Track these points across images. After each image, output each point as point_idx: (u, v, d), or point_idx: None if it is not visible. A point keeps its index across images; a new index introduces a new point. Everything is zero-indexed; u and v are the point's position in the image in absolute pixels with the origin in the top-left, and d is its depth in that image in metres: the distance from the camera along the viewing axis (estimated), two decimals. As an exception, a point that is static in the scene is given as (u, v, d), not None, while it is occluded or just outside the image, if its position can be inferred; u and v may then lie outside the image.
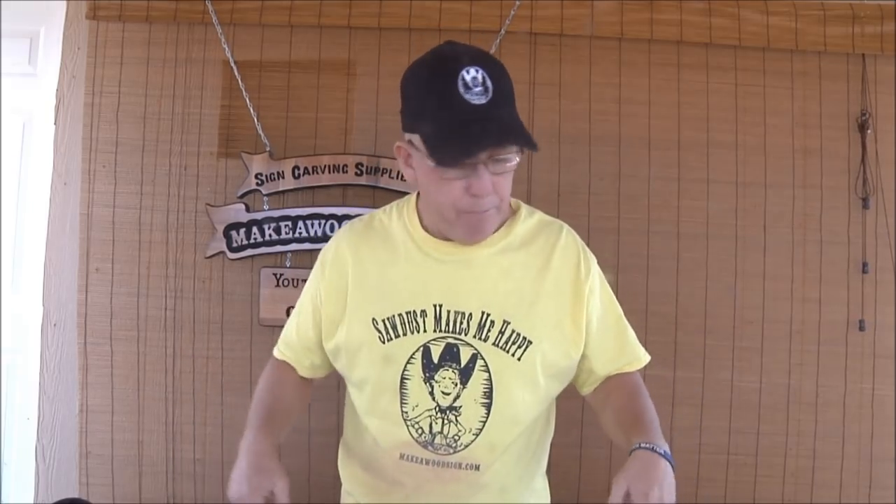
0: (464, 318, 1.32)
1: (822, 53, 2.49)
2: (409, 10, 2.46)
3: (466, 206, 1.25)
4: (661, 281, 2.46)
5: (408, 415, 1.33)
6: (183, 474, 2.47)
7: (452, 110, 1.19)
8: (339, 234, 1.45)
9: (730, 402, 2.45)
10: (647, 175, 2.48)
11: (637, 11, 2.47)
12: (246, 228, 2.42)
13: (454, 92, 1.18)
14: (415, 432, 1.33)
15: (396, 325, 1.33)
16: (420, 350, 1.32)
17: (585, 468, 2.41)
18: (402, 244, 1.37)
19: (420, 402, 1.32)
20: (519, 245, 1.37)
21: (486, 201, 1.25)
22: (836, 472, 2.45)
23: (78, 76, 2.54)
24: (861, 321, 2.45)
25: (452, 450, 1.33)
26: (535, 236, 1.39)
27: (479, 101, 1.18)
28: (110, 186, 2.48)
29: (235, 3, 2.47)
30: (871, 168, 2.47)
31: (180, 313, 2.47)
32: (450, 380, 1.32)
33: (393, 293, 1.34)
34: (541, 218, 1.43)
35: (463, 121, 1.18)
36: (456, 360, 1.32)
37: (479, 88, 1.19)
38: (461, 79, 1.18)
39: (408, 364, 1.33)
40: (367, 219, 1.45)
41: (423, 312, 1.32)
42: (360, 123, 2.48)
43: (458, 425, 1.32)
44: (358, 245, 1.40)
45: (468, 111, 1.18)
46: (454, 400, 1.32)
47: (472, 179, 1.22)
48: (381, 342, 1.34)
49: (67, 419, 2.53)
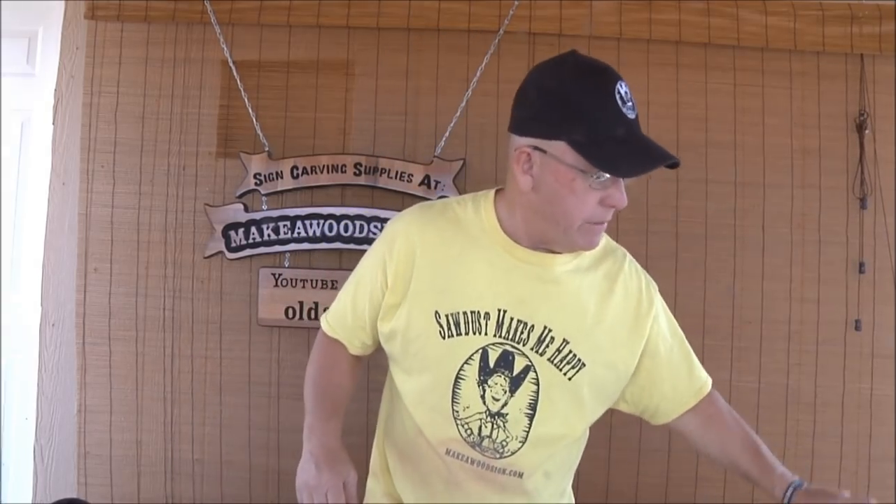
0: (525, 328, 1.31)
1: (821, 53, 2.49)
2: (408, 11, 2.46)
3: (598, 216, 1.25)
4: (659, 281, 2.41)
5: (458, 414, 1.33)
6: (181, 474, 2.47)
7: (621, 123, 1.20)
8: (410, 215, 1.40)
9: (728, 402, 2.44)
10: (646, 175, 2.47)
11: (636, 11, 2.47)
12: (244, 228, 2.41)
13: (616, 104, 1.19)
14: (464, 432, 1.33)
15: (460, 323, 1.31)
16: (479, 352, 1.31)
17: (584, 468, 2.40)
18: (476, 240, 1.34)
19: (471, 403, 1.32)
20: (588, 267, 1.36)
21: (611, 213, 1.27)
22: (835, 471, 2.45)
23: (76, 76, 2.54)
24: (858, 321, 2.45)
25: (499, 455, 1.33)
26: (602, 261, 1.39)
27: (632, 116, 1.22)
28: (109, 186, 2.48)
29: (234, 3, 2.47)
30: (870, 168, 2.47)
31: (179, 313, 2.47)
32: (500, 386, 1.31)
33: (459, 289, 1.32)
34: (606, 243, 1.43)
35: (635, 136, 1.22)
36: (509, 367, 1.31)
37: (631, 104, 1.22)
38: (618, 92, 1.20)
39: (465, 364, 1.32)
40: (441, 207, 1.40)
41: (486, 315, 1.31)
42: (359, 123, 2.48)
43: (506, 431, 1.32)
44: (429, 232, 1.36)
45: (632, 126, 1.21)
46: (502, 406, 1.32)
47: (612, 191, 1.23)
48: (442, 337, 1.32)
49: (66, 419, 2.53)
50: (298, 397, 2.42)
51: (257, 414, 2.46)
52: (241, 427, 2.46)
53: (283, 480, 2.44)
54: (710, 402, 1.47)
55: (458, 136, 2.45)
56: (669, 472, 2.45)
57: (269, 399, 2.46)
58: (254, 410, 2.46)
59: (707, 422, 1.45)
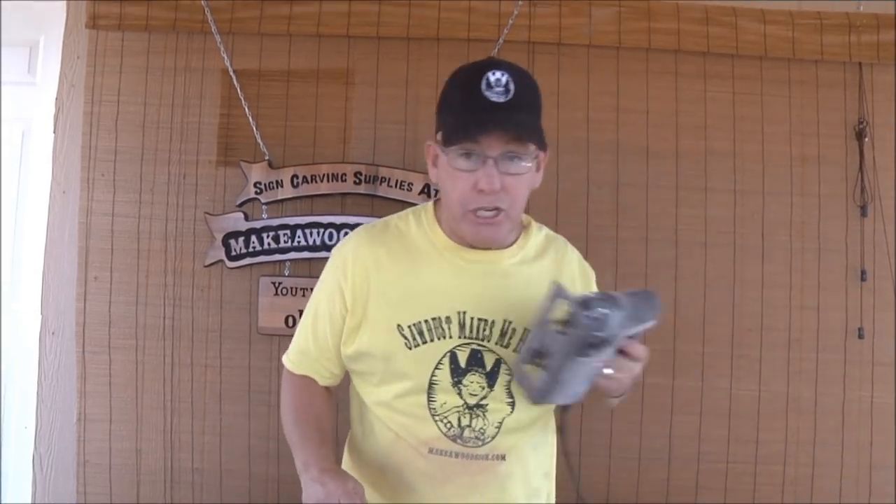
0: (487, 325, 1.34)
1: (819, 62, 2.50)
2: (408, 20, 2.46)
3: (473, 202, 1.28)
4: (659, 289, 2.43)
5: (435, 411, 1.34)
6: (181, 483, 2.46)
7: (470, 103, 1.26)
8: (356, 237, 1.44)
9: (728, 411, 2.45)
10: (646, 183, 2.49)
11: (635, 20, 2.48)
12: (245, 237, 2.42)
13: (477, 88, 1.26)
14: (443, 427, 1.34)
15: (423, 332, 1.34)
16: (448, 355, 1.34)
17: (584, 476, 2.40)
18: (423, 250, 1.39)
19: (448, 400, 1.34)
20: (534, 257, 1.42)
21: (493, 199, 1.28)
22: (836, 479, 2.45)
23: (77, 85, 2.55)
24: (860, 329, 2.45)
25: (481, 442, 1.35)
26: (546, 249, 1.44)
27: (497, 100, 1.25)
28: (109, 195, 2.48)
29: (234, 12, 2.47)
30: (869, 176, 2.48)
31: (179, 322, 2.47)
32: (477, 383, 1.34)
33: (417, 299, 1.35)
34: (547, 233, 1.49)
35: (476, 110, 1.25)
36: (481, 364, 1.34)
37: (501, 89, 1.26)
38: (486, 78, 1.26)
39: (436, 370, 1.34)
40: (381, 225, 1.45)
41: (447, 319, 1.34)
42: (359, 132, 2.49)
43: (485, 419, 1.35)
44: (377, 250, 1.40)
45: (485, 105, 1.25)
46: (481, 399, 1.35)
47: (480, 174, 1.26)
48: (408, 348, 1.34)
49: (65, 428, 2.52)
50: (298, 406, 2.43)
51: (257, 422, 2.46)
52: (240, 436, 2.46)
53: (283, 489, 2.44)
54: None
55: (457, 145, 2.45)
56: (670, 479, 2.45)
57: (269, 408, 2.46)
58: (254, 419, 2.46)
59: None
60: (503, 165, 1.27)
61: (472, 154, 1.27)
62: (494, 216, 1.30)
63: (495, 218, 1.30)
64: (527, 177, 1.31)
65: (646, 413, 2.45)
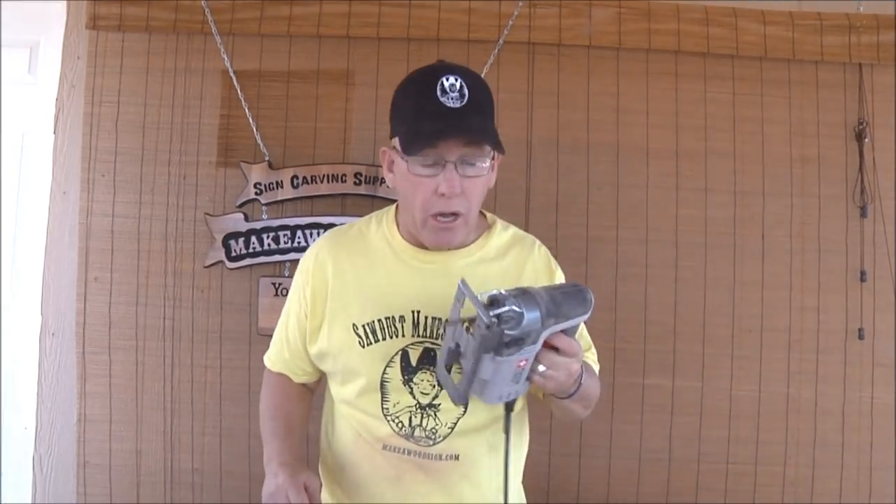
0: (440, 323, 1.36)
1: (819, 63, 2.50)
2: (408, 21, 2.47)
3: (435, 206, 1.31)
4: (659, 290, 2.47)
5: (388, 411, 1.38)
6: (181, 484, 2.46)
7: (427, 109, 1.28)
8: (318, 242, 1.50)
9: (728, 411, 2.45)
10: (646, 184, 2.49)
11: (635, 21, 2.48)
12: (245, 238, 2.42)
13: (432, 95, 1.28)
14: (395, 426, 1.37)
15: (376, 330, 1.38)
16: (399, 354, 1.37)
17: (584, 477, 2.41)
18: (381, 252, 1.43)
19: (400, 399, 1.37)
20: (494, 257, 1.43)
21: (454, 203, 1.31)
22: (836, 480, 2.45)
23: (77, 86, 2.55)
24: (860, 330, 2.45)
25: (432, 441, 1.37)
26: (509, 249, 1.45)
27: (454, 105, 1.27)
28: (109, 196, 2.48)
29: (235, 13, 2.48)
30: (869, 176, 2.48)
31: (179, 322, 2.47)
32: (428, 381, 1.37)
33: (372, 299, 1.39)
34: (515, 232, 1.49)
35: (434, 117, 1.27)
36: (433, 363, 1.36)
37: (456, 94, 1.28)
38: (440, 84, 1.28)
39: (387, 367, 1.37)
40: (345, 228, 1.51)
41: (401, 318, 1.37)
42: (359, 133, 2.49)
43: (436, 419, 1.37)
44: (337, 252, 1.45)
45: (442, 111, 1.27)
46: (433, 399, 1.37)
47: (441, 179, 1.29)
48: (361, 346, 1.38)
49: (65, 428, 2.52)
50: (298, 407, 2.43)
51: (257, 423, 2.43)
52: (240, 436, 2.46)
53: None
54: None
55: (457, 146, 2.45)
56: (670, 480, 2.44)
57: (269, 408, 2.45)
58: (254, 420, 2.44)
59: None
60: (462, 169, 1.30)
61: (432, 160, 1.30)
62: (453, 221, 1.33)
63: (453, 223, 1.33)
64: (484, 178, 1.34)
65: (646, 413, 2.45)
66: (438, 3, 2.48)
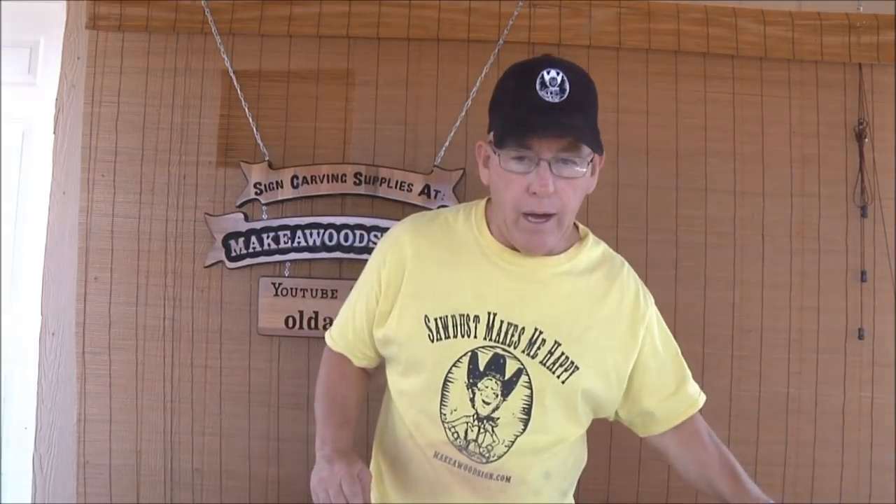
0: (516, 331, 1.31)
1: (820, 63, 2.50)
2: (408, 20, 2.46)
3: (527, 205, 1.25)
4: (659, 290, 2.42)
5: (446, 417, 1.33)
6: (181, 484, 2.46)
7: (523, 102, 1.23)
8: (402, 225, 1.45)
9: (728, 411, 2.45)
10: (646, 184, 2.49)
11: (635, 21, 2.48)
12: (245, 238, 2.42)
13: (531, 88, 1.22)
14: (451, 435, 1.33)
15: (448, 326, 1.33)
16: (468, 355, 1.32)
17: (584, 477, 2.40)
18: (466, 246, 1.37)
19: (459, 406, 1.32)
20: (582, 271, 1.38)
21: (546, 203, 1.25)
22: (836, 480, 2.45)
23: (77, 86, 2.55)
24: (860, 330, 2.45)
25: (485, 459, 1.32)
26: (598, 266, 1.40)
27: (552, 100, 1.22)
28: (109, 195, 2.48)
29: (235, 13, 2.48)
30: (869, 177, 2.48)
31: (179, 322, 2.47)
32: (492, 390, 1.31)
33: (449, 293, 1.34)
34: (605, 250, 1.45)
35: (530, 110, 1.22)
36: (501, 371, 1.31)
37: (556, 88, 1.22)
38: (541, 77, 1.23)
39: (454, 367, 1.32)
40: (433, 215, 1.46)
41: (476, 318, 1.32)
42: (359, 133, 2.49)
43: (493, 436, 1.32)
44: (419, 239, 1.40)
45: (539, 105, 1.22)
46: (493, 410, 1.32)
47: (533, 176, 1.23)
48: (431, 340, 1.33)
49: (65, 429, 2.52)
50: (298, 407, 2.45)
51: (257, 423, 2.46)
52: (240, 436, 2.46)
53: (283, 490, 2.44)
54: (691, 423, 1.46)
55: (457, 146, 2.45)
56: (670, 481, 2.44)
57: (268, 408, 2.46)
58: (254, 420, 2.46)
59: (686, 442, 1.44)
60: (557, 168, 1.24)
61: (525, 157, 1.24)
62: (545, 222, 1.27)
63: (545, 224, 1.27)
64: (581, 181, 1.27)
65: (646, 414, 2.45)
66: (438, 3, 2.47)
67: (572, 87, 1.23)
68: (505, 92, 1.29)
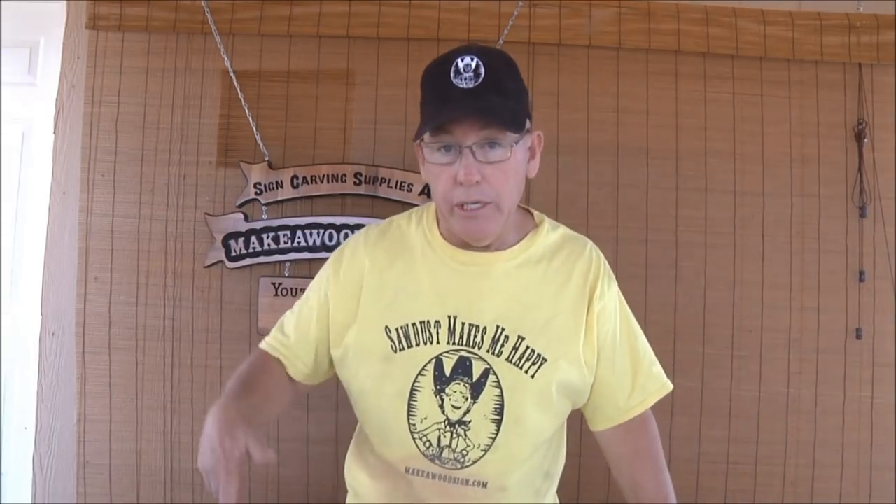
0: (478, 331, 1.28)
1: (819, 63, 2.50)
2: (408, 21, 2.47)
3: (456, 196, 1.22)
4: (659, 290, 2.47)
5: (416, 427, 1.29)
6: (181, 484, 2.46)
7: (438, 92, 1.21)
8: (357, 237, 1.41)
9: (728, 411, 2.45)
10: (646, 184, 2.49)
11: (635, 21, 2.48)
12: (245, 238, 2.42)
13: (445, 77, 1.20)
14: (422, 445, 1.29)
15: (410, 335, 1.29)
16: (432, 362, 1.28)
17: (584, 477, 2.40)
18: (420, 251, 1.34)
19: (429, 414, 1.28)
20: (539, 259, 1.33)
21: (475, 192, 1.21)
22: (836, 480, 2.45)
23: (77, 86, 2.55)
24: (857, 329, 2.45)
25: (460, 465, 1.29)
26: (558, 251, 1.36)
27: (466, 85, 1.19)
28: (109, 195, 2.48)
29: (235, 13, 2.48)
30: (869, 177, 2.48)
31: (179, 322, 2.47)
32: (460, 394, 1.28)
33: (407, 302, 1.31)
34: (565, 233, 1.40)
35: (443, 100, 1.20)
36: (468, 373, 1.28)
37: (470, 74, 1.19)
38: (455, 65, 1.20)
39: (419, 375, 1.28)
40: (386, 224, 1.42)
41: (437, 323, 1.29)
42: (359, 133, 2.49)
43: (466, 440, 1.28)
44: (375, 250, 1.36)
45: (452, 94, 1.19)
46: (464, 414, 1.28)
47: (458, 166, 1.21)
48: (394, 351, 1.30)
49: (65, 428, 2.52)
50: (298, 407, 2.44)
51: (257, 423, 2.46)
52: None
53: (283, 490, 2.44)
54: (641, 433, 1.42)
55: (457, 146, 2.45)
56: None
57: (268, 408, 2.45)
58: (254, 420, 2.46)
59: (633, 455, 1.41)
60: (482, 154, 1.20)
61: (448, 146, 1.21)
62: (480, 208, 1.23)
63: (481, 210, 1.23)
64: (511, 164, 1.23)
65: (646, 414, 2.45)
66: (438, 3, 2.48)
67: (487, 71, 1.19)
68: (423, 88, 1.27)
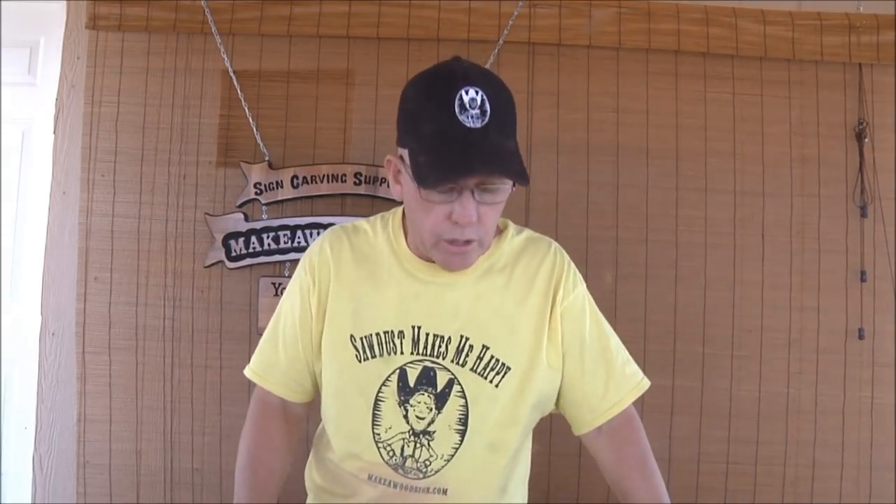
0: (442, 341, 1.26)
1: (819, 63, 2.50)
2: (408, 21, 2.47)
3: (447, 233, 1.19)
4: (659, 290, 2.47)
5: (380, 437, 1.27)
6: (181, 484, 2.46)
7: (444, 131, 1.12)
8: (322, 241, 1.36)
9: (729, 411, 2.45)
10: (646, 184, 2.49)
11: (635, 21, 2.48)
12: (245, 238, 2.42)
13: (450, 111, 1.12)
14: (386, 454, 1.27)
15: (374, 345, 1.28)
16: (396, 373, 1.27)
17: (584, 477, 2.40)
18: (385, 260, 1.31)
19: (394, 424, 1.27)
20: (503, 266, 1.31)
21: (469, 231, 1.18)
22: (836, 480, 2.45)
23: (77, 86, 2.55)
24: (860, 329, 2.45)
25: (422, 475, 1.27)
26: (521, 255, 1.33)
27: (474, 125, 1.12)
28: (109, 196, 2.48)
29: (235, 13, 2.48)
30: (869, 177, 2.48)
31: (179, 322, 2.47)
32: (425, 404, 1.26)
33: (372, 311, 1.29)
34: (528, 236, 1.37)
35: (452, 144, 1.12)
36: (432, 384, 1.26)
37: (476, 111, 1.12)
38: (459, 98, 1.12)
39: (383, 386, 1.27)
40: (351, 228, 1.37)
41: (401, 333, 1.27)
42: (359, 133, 2.49)
43: (430, 450, 1.26)
44: (340, 255, 1.33)
45: (460, 134, 1.12)
46: (428, 425, 1.26)
47: (456, 205, 1.16)
48: (358, 360, 1.28)
49: (65, 428, 2.52)
50: (298, 407, 2.43)
51: (257, 423, 2.46)
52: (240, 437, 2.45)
53: (283, 490, 2.43)
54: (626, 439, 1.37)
55: (457, 146, 2.45)
56: (670, 480, 2.42)
57: (268, 408, 2.45)
58: (254, 420, 2.46)
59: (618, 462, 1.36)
60: (480, 196, 1.16)
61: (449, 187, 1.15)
62: (466, 245, 1.20)
63: (467, 247, 1.20)
64: (502, 204, 1.21)
65: (645, 414, 2.41)
66: (438, 3, 2.48)
67: (493, 106, 1.13)
68: (420, 111, 1.17)
